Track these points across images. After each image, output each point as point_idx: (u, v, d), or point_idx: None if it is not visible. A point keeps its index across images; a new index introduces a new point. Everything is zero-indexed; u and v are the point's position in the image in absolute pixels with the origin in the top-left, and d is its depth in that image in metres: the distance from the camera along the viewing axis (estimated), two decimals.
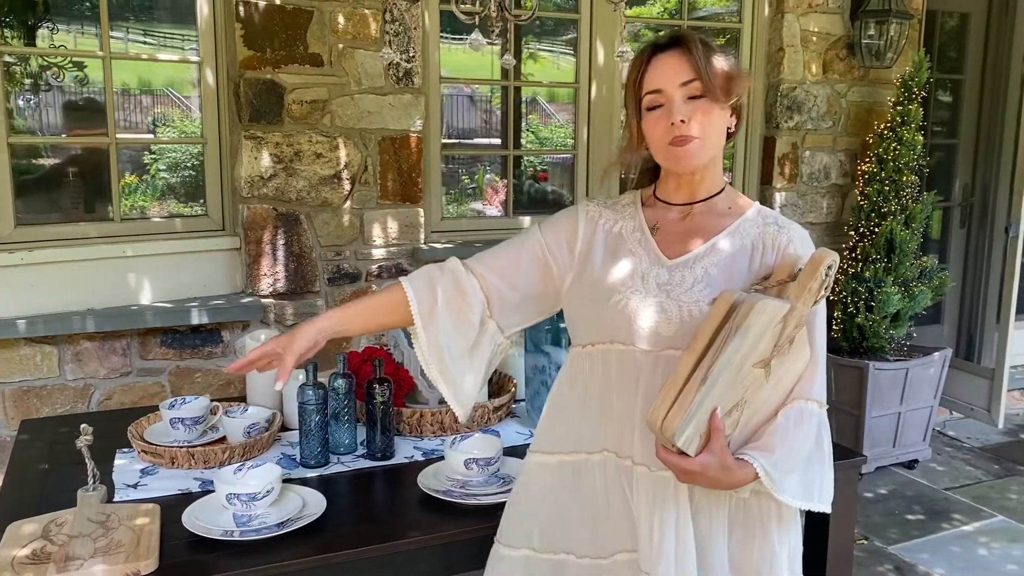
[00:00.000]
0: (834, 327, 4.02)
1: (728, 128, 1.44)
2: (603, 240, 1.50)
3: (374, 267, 3.42)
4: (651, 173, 1.55)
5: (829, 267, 1.32)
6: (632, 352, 1.41)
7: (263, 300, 3.22)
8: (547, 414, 1.55)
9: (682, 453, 1.30)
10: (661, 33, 1.54)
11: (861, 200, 4.00)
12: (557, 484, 1.50)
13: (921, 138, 3.93)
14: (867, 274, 3.89)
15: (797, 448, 1.34)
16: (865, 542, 3.32)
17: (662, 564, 1.36)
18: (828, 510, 1.39)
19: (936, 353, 3.97)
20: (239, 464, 1.73)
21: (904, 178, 3.90)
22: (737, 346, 1.28)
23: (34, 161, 3.48)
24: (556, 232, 1.53)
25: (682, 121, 1.37)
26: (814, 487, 1.37)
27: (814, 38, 4.06)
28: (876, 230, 3.92)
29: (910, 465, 4.05)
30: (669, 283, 1.41)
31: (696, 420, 1.28)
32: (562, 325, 2.07)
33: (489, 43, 1.78)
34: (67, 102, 3.66)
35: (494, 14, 1.75)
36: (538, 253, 1.52)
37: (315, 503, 1.68)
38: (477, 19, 1.76)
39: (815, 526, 1.93)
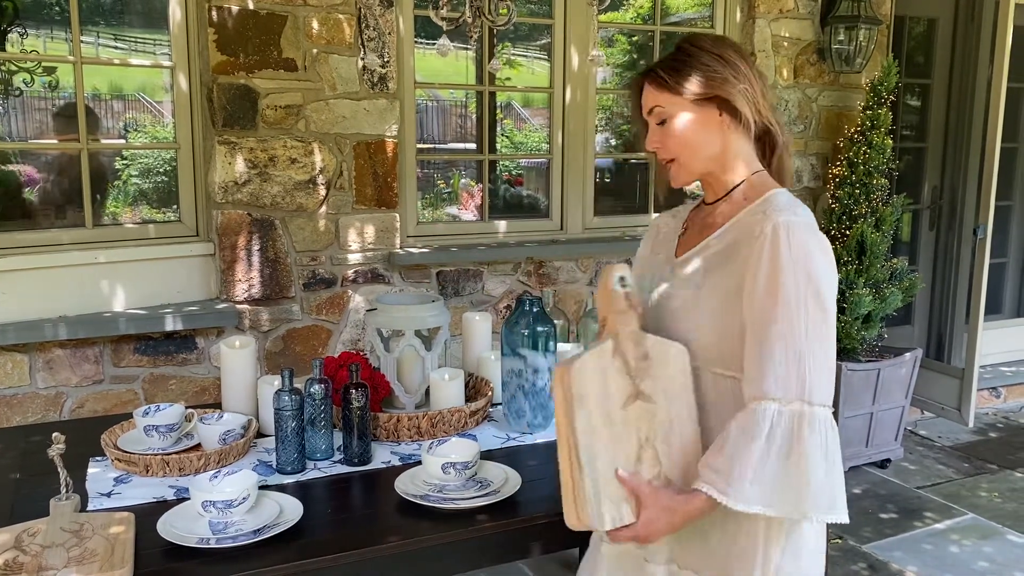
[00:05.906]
0: None
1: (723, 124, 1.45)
2: (652, 242, 1.64)
3: (350, 272, 3.41)
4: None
5: (621, 279, 1.35)
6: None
7: (238, 306, 3.20)
8: None
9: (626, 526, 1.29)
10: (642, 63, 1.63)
11: (832, 203, 4.05)
12: None
13: (890, 142, 3.99)
14: (839, 276, 3.93)
15: (748, 456, 1.28)
16: (839, 541, 3.35)
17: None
18: (807, 517, 1.31)
19: (907, 353, 4.03)
20: (215, 471, 1.73)
21: (874, 181, 3.95)
22: (585, 415, 1.25)
23: (4, 167, 3.44)
24: (644, 244, 1.69)
25: (655, 149, 1.49)
26: (780, 493, 1.28)
27: (785, 43, 4.11)
28: (847, 233, 3.96)
29: (883, 464, 4.10)
30: (672, 278, 1.49)
31: (604, 496, 1.26)
32: (539, 329, 2.08)
33: (459, 47, 1.79)
34: (38, 107, 3.61)
35: (471, 20, 1.75)
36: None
37: (292, 509, 1.67)
38: (451, 24, 1.77)
39: None
